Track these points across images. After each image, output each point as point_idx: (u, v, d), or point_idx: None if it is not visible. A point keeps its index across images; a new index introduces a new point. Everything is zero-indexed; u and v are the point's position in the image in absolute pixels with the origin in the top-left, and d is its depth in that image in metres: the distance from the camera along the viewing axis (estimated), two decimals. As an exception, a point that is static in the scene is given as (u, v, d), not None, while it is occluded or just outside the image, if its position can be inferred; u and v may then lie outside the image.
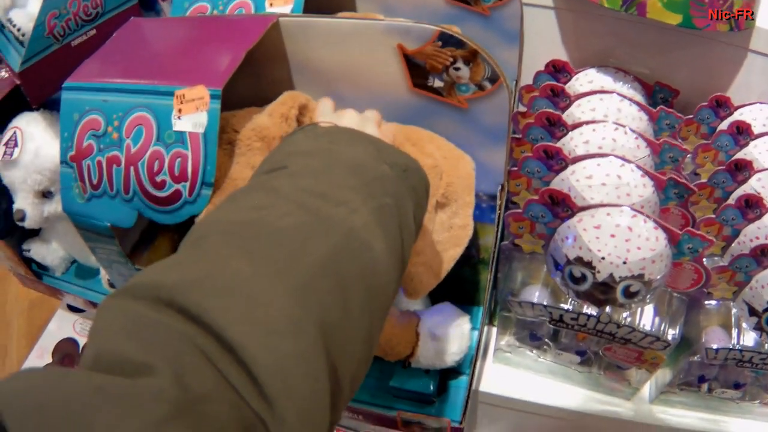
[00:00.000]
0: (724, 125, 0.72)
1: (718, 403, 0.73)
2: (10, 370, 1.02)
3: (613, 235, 0.62)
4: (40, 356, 0.97)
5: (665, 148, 0.69)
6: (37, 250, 0.87)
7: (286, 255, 0.37)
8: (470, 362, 0.70)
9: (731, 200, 0.66)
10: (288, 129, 0.59)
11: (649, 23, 0.68)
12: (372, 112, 0.55)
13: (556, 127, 0.70)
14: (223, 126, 0.60)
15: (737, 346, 0.66)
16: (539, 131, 0.71)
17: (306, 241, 0.39)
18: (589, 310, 0.67)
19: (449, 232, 0.61)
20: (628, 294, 0.64)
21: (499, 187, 0.69)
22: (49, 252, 0.88)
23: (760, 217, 0.66)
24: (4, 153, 0.73)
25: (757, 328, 0.66)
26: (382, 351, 0.70)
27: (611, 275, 0.63)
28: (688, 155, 0.74)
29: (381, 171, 0.45)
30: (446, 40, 0.59)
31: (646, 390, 0.76)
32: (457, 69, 0.60)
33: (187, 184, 0.56)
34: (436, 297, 0.73)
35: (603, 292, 0.64)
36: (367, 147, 0.47)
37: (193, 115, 0.56)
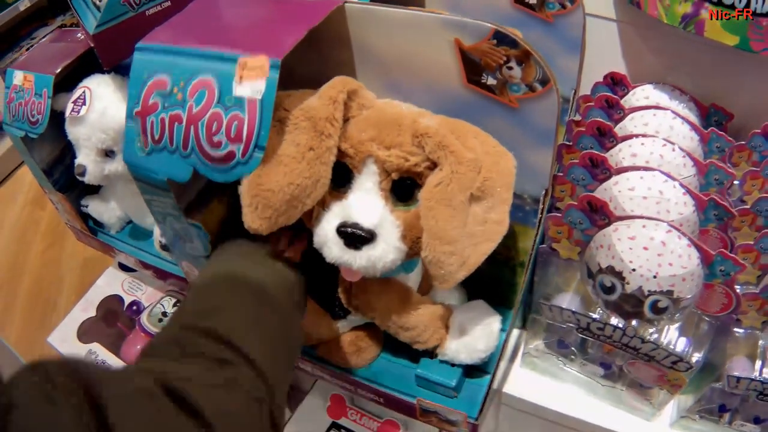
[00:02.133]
0: (773, 153, 0.73)
1: (738, 437, 0.73)
2: (55, 322, 1.08)
3: (646, 248, 0.63)
4: (85, 309, 1.03)
5: (711, 170, 0.70)
6: (94, 207, 0.94)
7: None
8: (495, 362, 0.72)
9: (769, 229, 0.67)
10: (334, 111, 0.62)
11: (708, 44, 0.69)
12: None
13: (606, 137, 0.72)
14: (277, 104, 0.64)
15: (759, 378, 0.65)
16: (590, 140, 0.73)
17: None
18: (617, 321, 0.68)
19: (483, 226, 0.62)
20: (656, 309, 0.65)
21: (543, 191, 0.71)
22: (106, 210, 0.94)
23: (801, 249, 0.66)
24: (72, 109, 0.80)
25: (783, 362, 0.66)
26: (411, 339, 0.73)
27: (640, 288, 0.64)
28: (736, 181, 0.74)
29: None
30: (501, 39, 0.62)
31: (668, 414, 0.76)
32: (510, 68, 0.63)
33: (242, 145, 0.61)
34: (474, 297, 0.76)
35: (631, 304, 0.66)
36: None
37: (253, 82, 0.60)
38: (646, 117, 0.73)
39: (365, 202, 0.63)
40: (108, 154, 0.83)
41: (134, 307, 1.04)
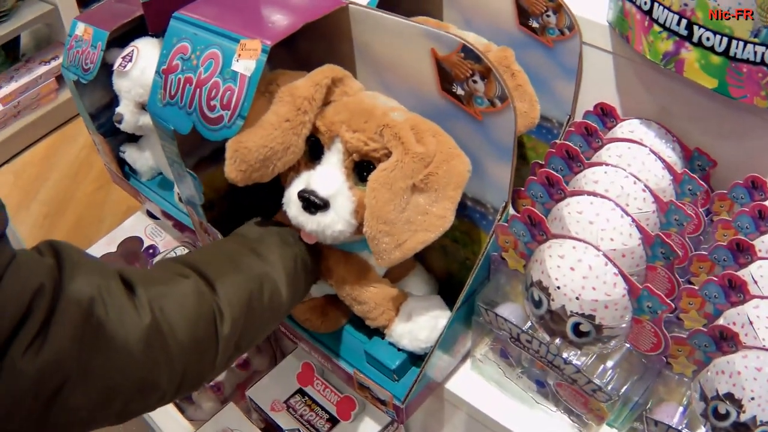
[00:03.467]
0: (747, 206, 0.81)
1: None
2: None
3: (572, 269, 0.75)
4: (108, 244, 1.28)
5: (671, 209, 0.80)
6: (130, 154, 1.17)
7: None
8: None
9: (714, 276, 0.76)
10: (315, 92, 0.79)
11: (695, 87, 0.79)
12: None
13: (574, 161, 0.84)
14: (271, 79, 0.83)
15: (675, 426, 0.73)
16: (559, 162, 0.85)
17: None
18: (542, 337, 0.79)
19: (424, 216, 0.77)
20: (578, 332, 0.76)
21: (503, 204, 0.84)
22: (140, 158, 1.17)
23: (743, 302, 0.75)
24: (120, 64, 1.02)
25: (703, 415, 0.73)
26: (363, 314, 0.88)
27: (563, 307, 0.75)
28: (708, 229, 0.84)
29: None
30: (467, 52, 0.76)
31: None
32: (475, 82, 0.77)
33: (229, 112, 0.80)
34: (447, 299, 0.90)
35: (555, 322, 0.77)
36: None
37: (246, 61, 0.79)
38: (621, 149, 0.84)
39: (327, 175, 0.80)
40: (144, 107, 1.06)
41: (151, 250, 1.27)
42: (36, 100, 1.63)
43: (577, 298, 0.75)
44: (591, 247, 0.75)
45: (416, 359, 0.89)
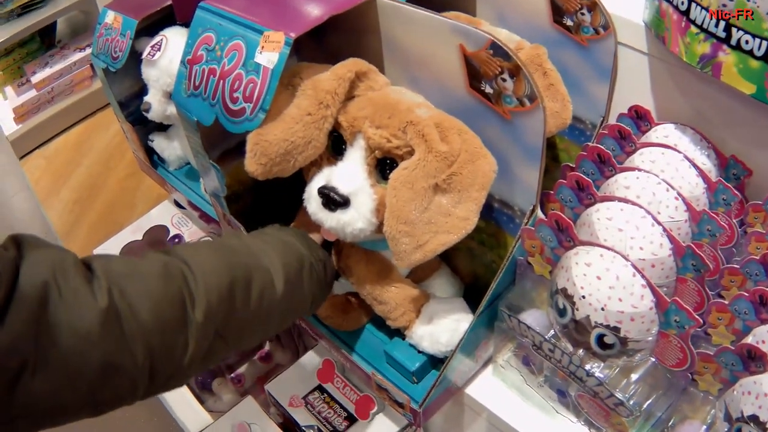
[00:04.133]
0: (783, 219, 0.77)
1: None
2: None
3: (599, 278, 0.72)
4: (134, 232, 1.28)
5: (704, 219, 0.76)
6: (159, 143, 1.17)
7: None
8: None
9: (745, 291, 0.72)
10: (338, 87, 0.77)
11: (733, 92, 0.75)
12: None
13: (606, 165, 0.81)
14: (295, 72, 0.82)
15: None
16: (590, 165, 0.82)
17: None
18: (565, 347, 0.77)
19: (446, 218, 0.74)
20: (602, 344, 0.73)
21: (531, 207, 0.81)
22: (168, 147, 1.17)
23: (774, 321, 0.72)
24: (149, 53, 1.02)
25: (727, 436, 0.71)
26: (383, 314, 0.87)
27: (588, 317, 0.73)
28: (741, 240, 0.80)
29: None
30: (496, 50, 0.73)
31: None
32: (504, 80, 0.74)
33: (251, 105, 0.78)
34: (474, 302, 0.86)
35: (579, 332, 0.74)
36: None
37: (269, 53, 0.78)
38: (654, 154, 0.81)
39: (348, 171, 0.78)
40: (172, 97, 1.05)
41: (176, 240, 1.27)
42: (70, 86, 1.65)
43: (602, 309, 0.72)
44: (619, 256, 0.72)
45: (437, 362, 0.88)
